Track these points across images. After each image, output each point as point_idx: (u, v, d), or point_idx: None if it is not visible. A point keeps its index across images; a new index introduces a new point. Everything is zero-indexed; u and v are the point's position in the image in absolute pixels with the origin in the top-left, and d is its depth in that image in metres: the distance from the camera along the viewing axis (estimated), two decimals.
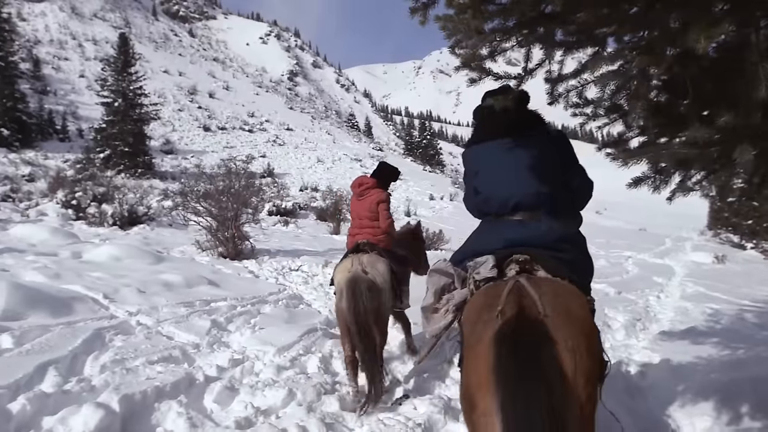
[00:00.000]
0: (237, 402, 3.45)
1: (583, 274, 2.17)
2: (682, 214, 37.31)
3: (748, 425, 3.51)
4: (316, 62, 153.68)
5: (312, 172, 36.05)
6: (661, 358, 5.09)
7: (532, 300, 1.75)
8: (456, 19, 1.60)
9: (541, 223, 2.21)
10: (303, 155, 41.84)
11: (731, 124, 1.41)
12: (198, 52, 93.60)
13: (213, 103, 53.66)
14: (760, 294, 10.34)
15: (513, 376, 1.55)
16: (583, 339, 1.69)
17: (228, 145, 39.62)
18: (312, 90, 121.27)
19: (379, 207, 4.41)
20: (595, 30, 1.66)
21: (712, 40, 1.28)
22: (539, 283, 1.86)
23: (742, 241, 21.66)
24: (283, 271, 9.11)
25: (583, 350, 1.64)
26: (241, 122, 49.08)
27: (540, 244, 2.11)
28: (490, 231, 2.33)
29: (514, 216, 2.28)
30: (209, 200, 10.06)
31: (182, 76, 60.73)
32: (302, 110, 74.97)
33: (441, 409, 3.37)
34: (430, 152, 64.33)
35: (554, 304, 1.74)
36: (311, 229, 17.18)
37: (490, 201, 2.39)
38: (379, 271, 3.87)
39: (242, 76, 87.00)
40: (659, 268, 14.42)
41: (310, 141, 48.97)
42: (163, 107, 41.25)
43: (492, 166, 2.42)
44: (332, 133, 59.88)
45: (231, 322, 5.33)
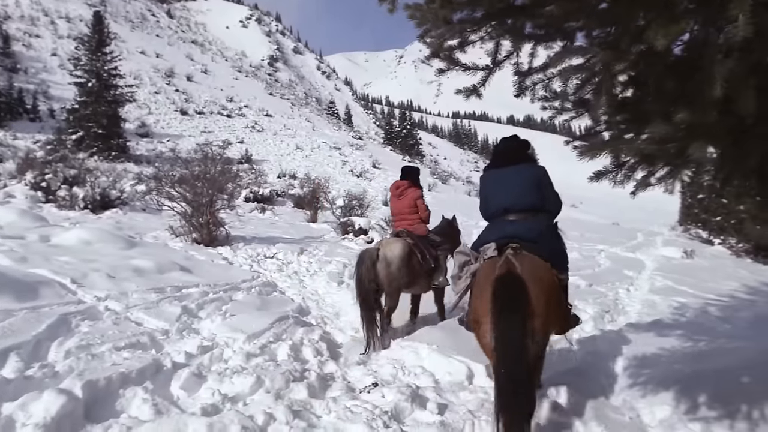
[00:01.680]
0: (204, 389, 3.43)
1: (556, 258, 3.21)
2: (655, 210, 38.08)
3: (705, 414, 3.62)
4: (297, 48, 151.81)
5: (290, 159, 35.75)
6: (627, 350, 5.21)
7: (515, 266, 2.85)
8: (425, 8, 1.59)
9: (526, 222, 3.29)
10: (282, 142, 41.43)
11: (688, 121, 1.44)
12: (176, 34, 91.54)
13: (191, 86, 52.65)
14: (725, 288, 10.65)
15: (500, 306, 2.69)
16: (544, 292, 2.83)
17: (206, 129, 39.02)
18: (292, 76, 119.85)
19: (417, 202, 5.38)
20: (563, 24, 1.67)
21: (671, 38, 1.30)
22: (521, 258, 2.95)
23: (711, 237, 22.17)
24: (258, 258, 9.05)
25: (544, 298, 2.79)
26: (220, 107, 48.30)
27: (526, 238, 3.14)
28: (492, 228, 3.44)
29: (507, 217, 3.37)
30: (184, 185, 9.91)
31: (159, 57, 59.37)
32: (282, 96, 74.13)
33: (408, 397, 3.40)
34: (409, 142, 64.34)
35: (529, 269, 2.86)
36: (288, 217, 17.08)
37: (491, 208, 3.51)
38: (392, 248, 4.85)
39: (221, 59, 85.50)
40: (630, 262, 14.70)
41: (289, 128, 48.48)
42: (139, 89, 40.35)
43: (495, 185, 3.51)
44: (312, 121, 59.39)
45: (202, 309, 5.28)
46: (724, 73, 1.33)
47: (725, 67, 1.31)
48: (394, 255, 4.79)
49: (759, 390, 3.75)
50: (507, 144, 3.61)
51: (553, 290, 2.98)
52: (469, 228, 18.46)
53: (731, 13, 1.21)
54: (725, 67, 1.31)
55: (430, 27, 1.67)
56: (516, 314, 2.64)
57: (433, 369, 4.11)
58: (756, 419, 3.49)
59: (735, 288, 10.81)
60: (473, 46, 1.95)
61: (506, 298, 2.69)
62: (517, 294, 2.68)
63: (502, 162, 3.54)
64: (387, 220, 14.22)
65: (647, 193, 2.78)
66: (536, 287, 2.76)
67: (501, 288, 2.72)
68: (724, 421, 3.52)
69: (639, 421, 3.70)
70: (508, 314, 2.66)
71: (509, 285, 2.73)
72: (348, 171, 35.91)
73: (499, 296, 2.70)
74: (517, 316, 2.63)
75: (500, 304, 2.68)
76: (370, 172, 37.22)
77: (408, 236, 5.10)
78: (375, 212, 18.20)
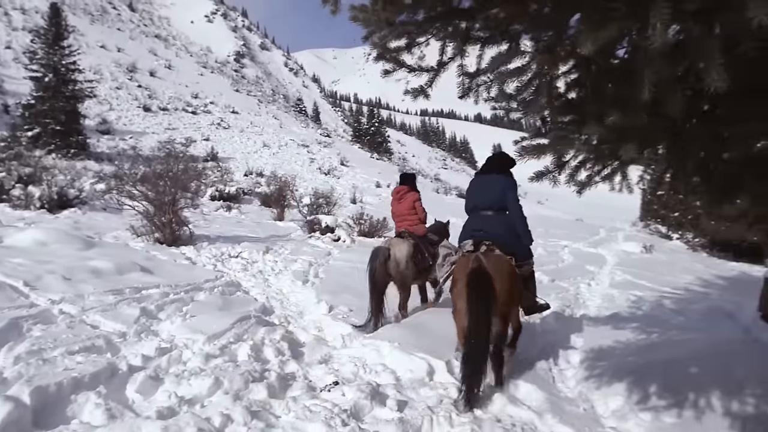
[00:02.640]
0: (161, 392, 3.37)
1: (520, 253, 4.20)
2: (617, 206, 39.05)
3: (655, 404, 3.76)
4: (264, 44, 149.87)
5: (257, 157, 35.28)
6: (584, 343, 5.35)
7: (483, 262, 3.69)
8: (369, 9, 1.60)
9: (492, 218, 4.19)
10: (248, 139, 40.83)
11: (620, 123, 1.50)
12: (138, 28, 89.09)
13: (154, 82, 51.32)
14: (680, 281, 11.03)
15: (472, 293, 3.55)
16: (506, 281, 3.72)
17: (170, 126, 38.11)
18: (259, 73, 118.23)
19: (415, 204, 5.99)
20: (507, 26, 1.70)
21: (599, 44, 1.34)
22: (488, 255, 3.83)
23: (669, 232, 22.95)
24: (222, 257, 8.93)
25: (505, 287, 3.68)
26: (185, 103, 47.23)
27: (496, 236, 4.06)
28: (469, 223, 4.30)
29: (478, 212, 4.28)
30: (146, 184, 9.69)
31: (121, 52, 57.62)
32: (249, 93, 72.93)
33: (368, 395, 3.42)
34: (378, 140, 64.31)
35: (494, 264, 3.73)
36: (255, 215, 16.89)
37: (469, 204, 4.43)
38: (400, 247, 5.52)
39: (186, 55, 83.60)
40: (592, 257, 15.08)
41: (256, 125, 47.79)
42: (100, 84, 39.06)
43: (474, 187, 4.44)
44: (279, 118, 58.65)
45: (162, 310, 5.19)
46: (652, 77, 1.39)
47: (653, 72, 1.37)
48: (402, 255, 5.47)
49: (706, 379, 3.91)
50: (494, 157, 4.50)
51: (512, 279, 3.85)
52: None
53: (650, 22, 1.26)
54: (653, 71, 1.37)
55: (373, 29, 1.69)
56: (483, 301, 3.54)
57: (395, 366, 4.14)
58: (702, 407, 3.64)
59: (690, 281, 11.22)
60: (427, 44, 1.97)
61: (477, 288, 3.58)
62: (485, 285, 3.57)
63: (486, 170, 4.43)
64: (354, 218, 14.23)
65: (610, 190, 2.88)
66: (499, 279, 3.64)
67: (473, 280, 3.60)
68: (673, 410, 3.66)
69: (593, 412, 3.81)
70: (477, 299, 3.55)
71: (479, 278, 3.60)
72: (316, 169, 35.70)
73: (472, 287, 3.59)
74: (483, 303, 3.54)
75: (473, 294, 3.57)
76: (338, 170, 37.08)
77: (410, 237, 5.74)
78: (342, 210, 18.16)
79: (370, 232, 13.84)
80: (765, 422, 3.41)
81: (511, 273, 3.85)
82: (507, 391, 3.86)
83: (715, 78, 1.34)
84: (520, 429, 3.32)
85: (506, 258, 3.93)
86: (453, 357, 4.32)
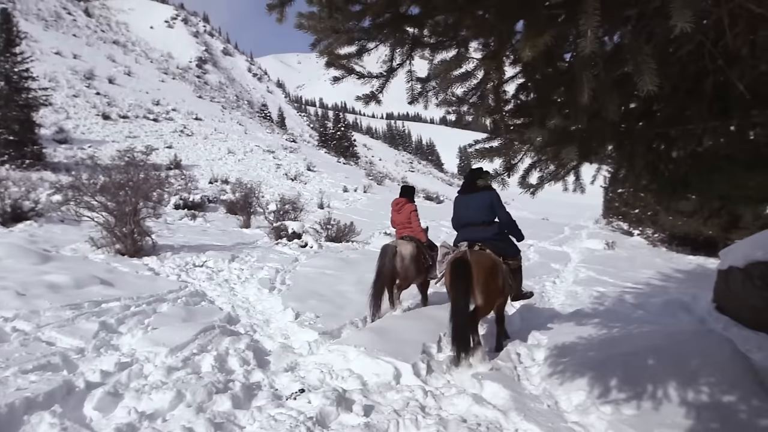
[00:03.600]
0: (120, 408, 3.28)
1: (507, 250, 5.10)
2: (581, 204, 39.93)
3: (615, 397, 3.86)
4: (226, 49, 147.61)
5: (222, 164, 34.72)
6: (549, 340, 5.45)
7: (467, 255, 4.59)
8: (315, 17, 1.61)
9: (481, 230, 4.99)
10: (213, 146, 40.16)
11: (561, 127, 1.54)
12: (95, 34, 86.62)
13: (113, 89, 50.00)
14: (641, 276, 11.37)
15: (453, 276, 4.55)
16: (483, 270, 4.53)
17: (131, 134, 37.14)
18: (222, 78, 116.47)
19: (412, 215, 6.66)
20: (453, 33, 1.73)
21: (537, 50, 1.38)
22: (474, 251, 4.71)
23: (630, 229, 23.56)
24: (187, 267, 8.75)
25: (483, 274, 4.51)
26: (146, 110, 46.13)
27: (485, 239, 4.92)
28: (461, 234, 5.16)
29: (468, 228, 5.10)
30: (106, 194, 9.42)
31: (77, 59, 55.92)
32: (212, 99, 71.82)
33: (334, 401, 3.41)
34: (344, 144, 64.18)
35: (475, 257, 4.60)
36: (220, 223, 16.62)
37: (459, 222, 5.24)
38: (406, 248, 6.21)
39: (146, 61, 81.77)
40: (557, 255, 15.38)
41: (220, 131, 47.04)
42: (56, 92, 37.87)
43: (460, 205, 5.23)
44: (244, 124, 57.91)
45: (123, 324, 5.05)
46: (592, 82, 1.44)
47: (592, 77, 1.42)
48: (407, 252, 6.17)
49: (663, 371, 4.03)
50: (472, 175, 5.09)
51: (492, 270, 4.67)
52: None
53: (581, 29, 1.31)
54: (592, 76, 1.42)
55: (320, 37, 1.69)
56: (459, 281, 4.49)
57: (361, 371, 4.14)
58: (660, 398, 3.76)
59: (650, 275, 11.57)
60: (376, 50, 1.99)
61: (457, 272, 4.53)
62: (463, 270, 4.50)
63: (467, 190, 5.15)
64: (321, 223, 14.17)
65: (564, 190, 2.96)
66: (476, 267, 4.52)
67: (455, 266, 4.59)
68: (632, 401, 3.76)
69: (557, 408, 3.89)
70: (456, 281, 4.51)
71: (460, 265, 4.55)
72: (282, 174, 35.37)
73: (454, 272, 4.57)
74: (460, 283, 4.47)
75: (454, 276, 4.56)
76: (304, 175, 36.82)
77: (412, 240, 6.41)
78: (310, 215, 18.05)
79: (337, 237, 13.81)
80: (718, 410, 3.54)
81: (490, 265, 4.67)
82: (472, 391, 3.91)
83: (647, 82, 1.40)
84: (486, 428, 3.36)
85: (488, 254, 4.77)
86: (419, 360, 4.35)
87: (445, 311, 6.19)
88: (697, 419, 3.45)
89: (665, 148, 2.61)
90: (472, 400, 3.69)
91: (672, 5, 1.20)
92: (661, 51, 1.56)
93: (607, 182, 24.15)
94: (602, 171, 3.18)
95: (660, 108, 2.12)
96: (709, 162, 2.65)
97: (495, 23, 1.52)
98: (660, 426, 3.44)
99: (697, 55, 1.87)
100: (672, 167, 2.73)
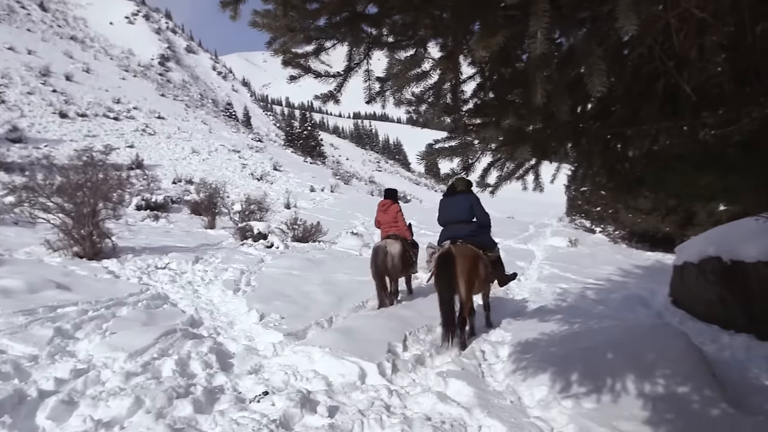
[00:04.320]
0: (75, 416, 3.17)
1: (485, 244, 5.75)
2: (546, 203, 40.67)
3: (577, 391, 3.94)
4: (190, 47, 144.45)
5: (186, 164, 33.94)
6: (512, 336, 5.54)
7: (451, 249, 5.18)
8: (271, 15, 1.59)
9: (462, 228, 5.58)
10: (176, 145, 39.19)
11: (516, 127, 1.56)
12: (52, 29, 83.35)
13: (71, 86, 48.29)
14: (602, 272, 11.66)
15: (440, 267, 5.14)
16: (466, 261, 5.12)
17: (90, 133, 35.90)
18: (186, 77, 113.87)
19: (398, 215, 7.39)
20: (410, 32, 1.73)
21: (490, 51, 1.40)
22: (457, 246, 5.27)
23: (592, 226, 24.15)
24: (148, 269, 8.53)
25: (466, 265, 5.10)
26: (106, 109, 44.71)
27: (466, 236, 5.48)
28: (445, 231, 5.71)
29: (450, 225, 5.67)
30: (63, 195, 9.09)
31: (32, 54, 53.73)
32: (175, 98, 70.16)
33: (298, 403, 3.38)
34: (311, 143, 63.72)
35: (459, 250, 5.18)
36: (184, 224, 16.27)
37: (442, 219, 5.83)
38: (394, 246, 6.90)
39: (105, 58, 79.23)
40: (522, 253, 15.63)
41: (184, 130, 45.97)
42: (9, 89, 36.41)
43: (444, 206, 5.84)
44: (208, 123, 56.77)
45: (79, 329, 4.88)
46: (545, 84, 1.46)
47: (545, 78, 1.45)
48: (396, 251, 6.88)
49: (621, 364, 4.14)
50: (456, 182, 5.78)
51: (473, 259, 5.30)
52: (372, 228, 18.70)
53: (531, 30, 1.33)
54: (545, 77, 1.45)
55: (276, 35, 1.67)
56: (446, 272, 5.09)
57: (326, 372, 4.12)
58: (618, 391, 3.86)
59: (611, 272, 11.88)
60: (334, 49, 1.98)
61: (443, 264, 5.14)
62: (448, 262, 5.11)
63: (451, 193, 5.87)
64: (288, 223, 14.04)
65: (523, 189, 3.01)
66: (460, 259, 5.12)
67: (441, 259, 5.19)
68: (592, 395, 3.86)
69: (519, 404, 3.95)
70: (441, 272, 5.14)
71: (445, 258, 5.16)
72: (248, 174, 34.82)
73: (440, 264, 5.17)
74: (446, 273, 5.08)
75: (439, 267, 5.17)
76: (271, 175, 36.36)
77: (398, 238, 7.08)
78: (276, 216, 17.86)
79: (304, 237, 13.70)
80: (673, 401, 3.66)
81: (472, 256, 5.30)
82: (437, 389, 3.93)
83: (596, 83, 1.43)
84: (450, 425, 3.39)
85: (470, 247, 5.41)
86: (385, 359, 4.36)
87: (411, 311, 6.27)
88: (653, 410, 3.56)
89: (621, 147, 2.68)
90: (437, 398, 3.71)
91: (618, 9, 1.24)
92: (614, 53, 1.60)
93: (568, 181, 24.64)
94: (563, 170, 3.25)
95: (615, 108, 2.17)
96: (663, 161, 2.73)
97: (451, 23, 1.53)
98: (618, 418, 3.53)
99: (649, 58, 1.92)
100: (628, 166, 2.81)
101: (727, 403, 3.51)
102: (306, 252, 11.93)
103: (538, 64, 1.42)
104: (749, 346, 5.13)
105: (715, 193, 2.62)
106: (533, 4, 1.28)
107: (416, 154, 2.09)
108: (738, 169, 2.31)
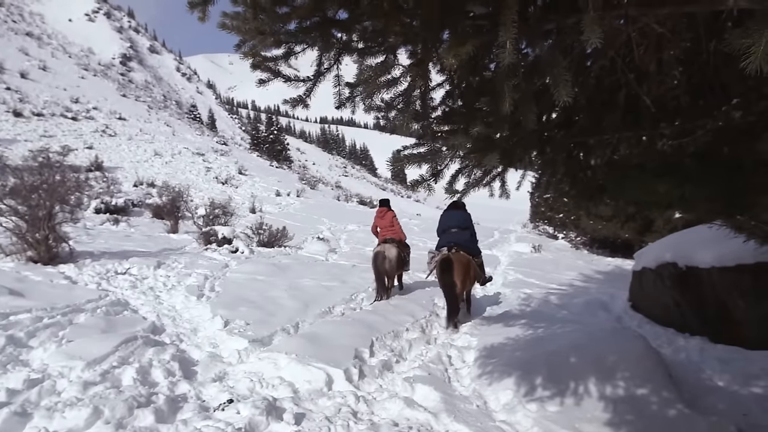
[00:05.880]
0: (29, 429, 3.04)
1: (474, 250, 7.01)
2: (511, 209, 41.37)
3: (541, 394, 4.02)
4: (153, 47, 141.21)
5: (148, 166, 33.13)
6: (478, 341, 5.60)
7: (450, 255, 6.49)
8: (240, 17, 1.57)
9: (459, 234, 6.90)
10: (138, 147, 38.22)
11: (484, 134, 1.59)
12: (6, 24, 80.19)
13: (26, 84, 46.66)
14: (565, 278, 11.91)
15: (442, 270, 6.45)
16: (462, 266, 6.46)
17: (46, 133, 34.69)
18: (149, 77, 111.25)
19: (393, 220, 8.50)
20: (380, 38, 1.74)
21: (460, 59, 1.43)
22: (454, 253, 6.54)
23: (555, 232, 24.65)
24: (108, 275, 8.27)
25: (462, 269, 6.44)
26: (63, 108, 43.32)
27: (461, 243, 6.75)
28: (443, 238, 6.96)
29: (450, 231, 6.95)
30: (16, 197, 8.73)
31: None
32: (137, 98, 68.47)
33: (264, 411, 3.34)
34: (277, 147, 63.08)
35: (456, 256, 6.50)
36: (146, 228, 15.86)
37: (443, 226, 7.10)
38: (391, 251, 7.83)
39: (64, 56, 76.80)
40: (488, 259, 15.71)
41: (146, 132, 44.88)
42: None
43: (445, 218, 7.17)
44: (172, 125, 55.58)
45: (33, 337, 4.69)
46: (513, 93, 1.50)
47: (513, 87, 1.49)
48: (392, 255, 7.81)
49: (583, 368, 4.24)
50: (455, 203, 7.07)
51: (467, 265, 6.54)
52: (338, 233, 18.65)
53: (500, 40, 1.36)
54: (513, 86, 1.49)
55: (245, 38, 1.66)
56: (447, 274, 6.31)
57: (292, 378, 4.08)
58: (581, 394, 3.95)
59: (573, 277, 12.14)
60: (303, 54, 1.97)
61: (444, 267, 6.36)
62: (449, 266, 6.34)
63: (451, 208, 7.21)
64: (253, 228, 13.86)
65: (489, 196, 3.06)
66: (457, 264, 6.36)
67: (442, 264, 6.40)
68: (556, 398, 3.94)
69: (485, 408, 4.00)
70: (444, 273, 6.36)
71: (446, 262, 6.38)
72: (212, 178, 34.22)
73: (442, 267, 6.40)
74: (448, 275, 6.31)
75: (442, 270, 6.39)
76: (236, 179, 35.83)
77: (394, 242, 8.06)
78: (241, 220, 17.61)
79: (269, 242, 13.55)
80: (633, 402, 3.76)
81: (465, 262, 6.53)
82: (404, 395, 3.94)
83: (562, 93, 1.48)
84: (417, 430, 3.40)
85: (464, 254, 6.60)
86: (351, 365, 4.34)
87: (377, 316, 6.30)
88: (614, 412, 3.66)
89: (584, 156, 2.76)
90: (404, 404, 3.72)
91: (584, 22, 1.28)
92: (578, 65, 1.65)
93: (532, 188, 25.12)
94: (528, 177, 3.32)
95: (579, 118, 2.24)
96: (623, 170, 2.82)
97: (420, 31, 1.55)
98: (581, 420, 3.61)
99: (611, 70, 1.99)
100: (590, 174, 2.89)
101: (683, 403, 3.63)
102: (272, 257, 11.79)
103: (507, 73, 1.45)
104: (703, 348, 5.32)
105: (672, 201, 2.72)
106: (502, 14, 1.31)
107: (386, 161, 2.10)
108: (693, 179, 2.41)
